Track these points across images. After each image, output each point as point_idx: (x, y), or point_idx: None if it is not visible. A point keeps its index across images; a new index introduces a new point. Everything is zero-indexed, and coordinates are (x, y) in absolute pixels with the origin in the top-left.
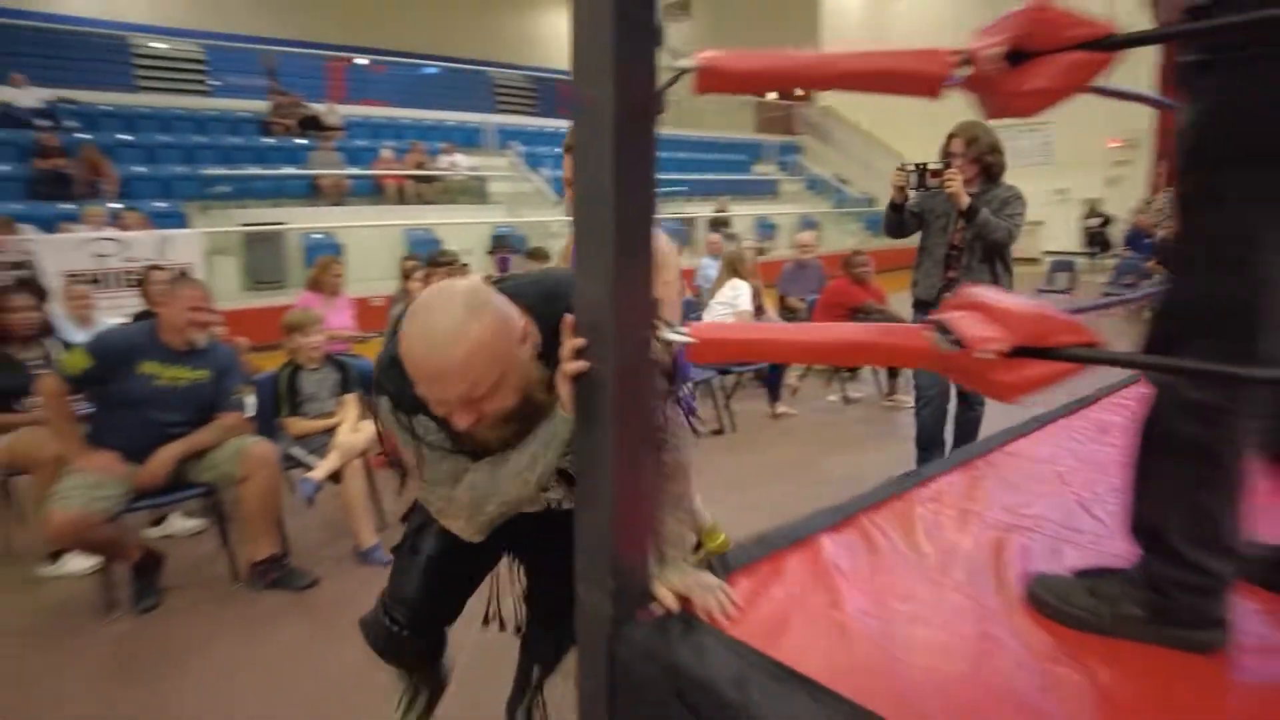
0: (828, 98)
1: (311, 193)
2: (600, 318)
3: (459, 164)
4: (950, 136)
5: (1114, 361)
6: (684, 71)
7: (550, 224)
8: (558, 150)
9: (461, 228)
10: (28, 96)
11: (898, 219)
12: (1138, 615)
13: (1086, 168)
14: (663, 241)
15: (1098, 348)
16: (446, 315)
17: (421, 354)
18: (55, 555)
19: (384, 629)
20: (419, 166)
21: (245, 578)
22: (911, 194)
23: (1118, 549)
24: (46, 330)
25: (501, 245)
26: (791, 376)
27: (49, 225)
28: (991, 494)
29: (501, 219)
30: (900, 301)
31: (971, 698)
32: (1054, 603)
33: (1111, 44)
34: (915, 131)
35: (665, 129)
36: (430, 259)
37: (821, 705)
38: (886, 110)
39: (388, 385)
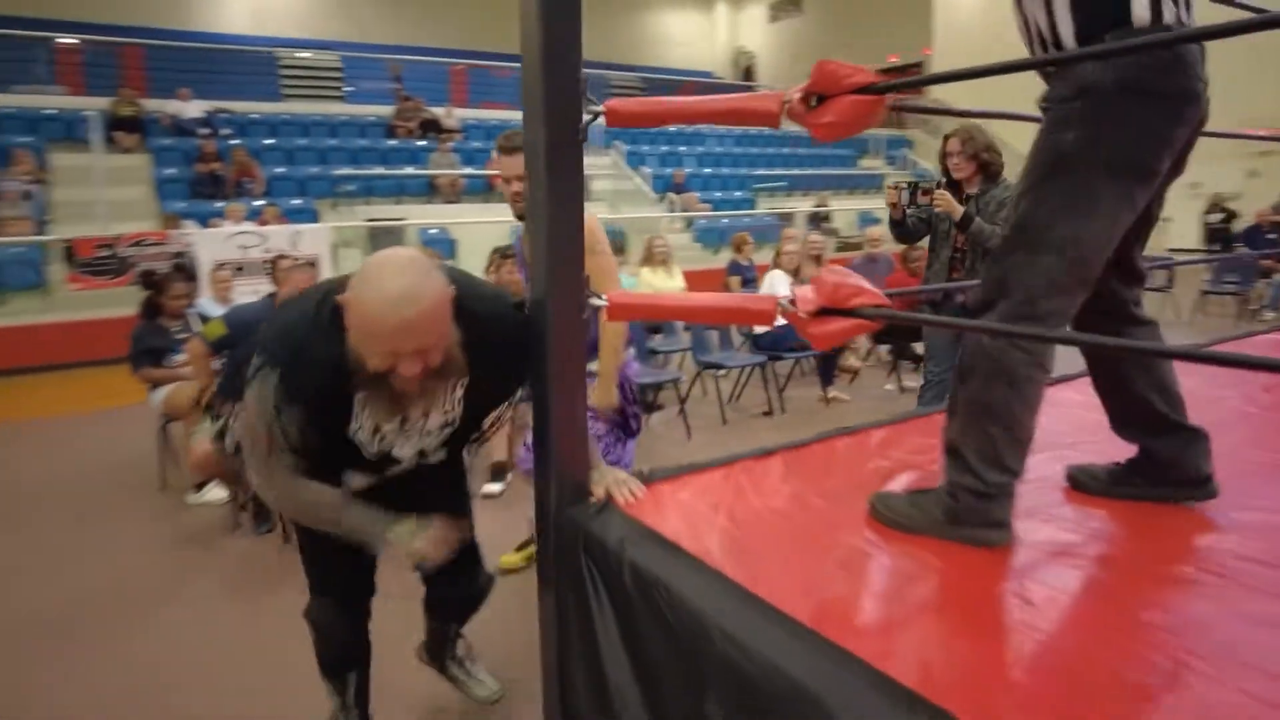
0: (939, 90)
1: (429, 191)
2: (546, 292)
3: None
4: (946, 137)
5: (892, 318)
6: (598, 114)
7: (646, 220)
8: (664, 148)
9: None
10: (191, 108)
11: (902, 230)
12: (940, 518)
13: (1223, 159)
14: (593, 225)
15: (885, 309)
16: (403, 277)
17: (382, 311)
18: (199, 486)
19: (313, 606)
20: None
21: None
22: (907, 210)
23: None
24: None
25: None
26: (853, 360)
27: (204, 221)
28: (893, 445)
29: (601, 216)
30: None
31: (792, 547)
32: (884, 512)
33: (876, 89)
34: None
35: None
36: (500, 250)
37: (668, 552)
38: (1001, 103)
39: (287, 366)
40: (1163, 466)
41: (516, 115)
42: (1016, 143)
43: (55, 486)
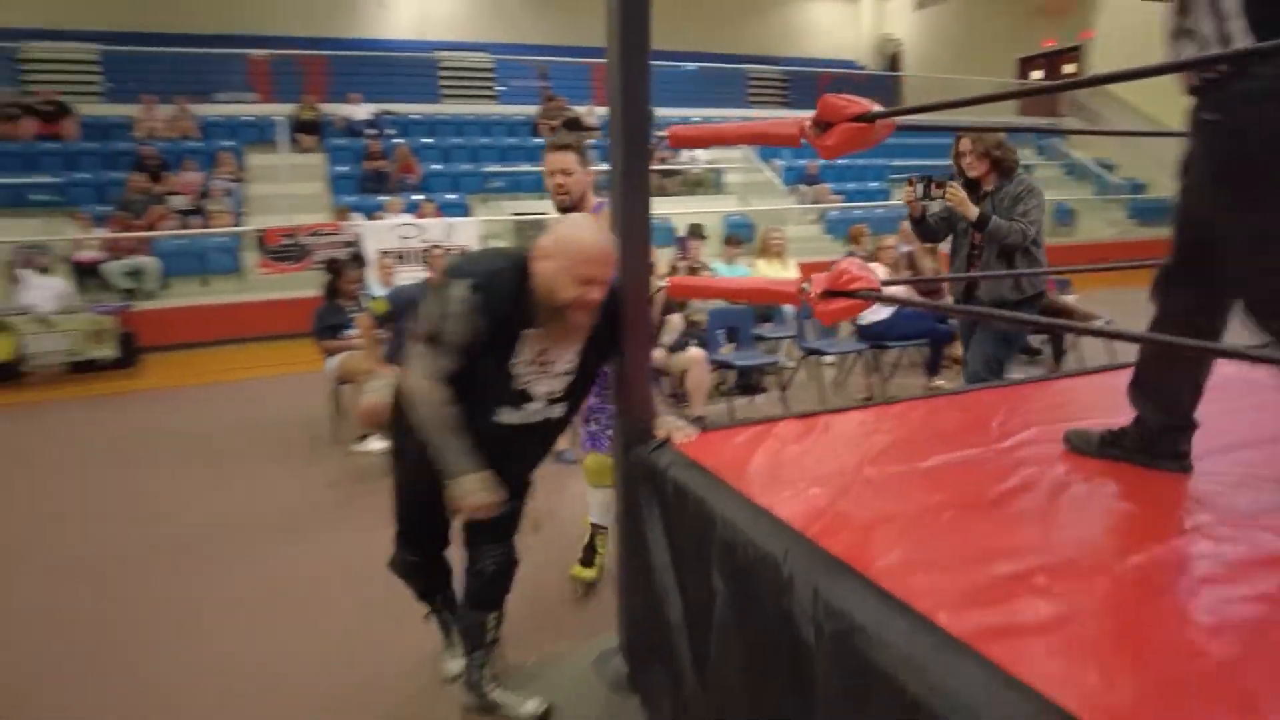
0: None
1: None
2: (623, 275)
3: (698, 158)
4: (958, 137)
5: (880, 299)
6: (662, 138)
7: (775, 212)
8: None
9: (693, 216)
10: (361, 111)
11: (923, 229)
12: (1127, 446)
13: None
14: None
15: (874, 291)
16: (600, 231)
17: (593, 242)
18: (362, 437)
19: (397, 557)
20: (661, 161)
21: None
22: (930, 205)
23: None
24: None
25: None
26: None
27: (369, 213)
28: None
29: (731, 208)
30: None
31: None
32: (1077, 442)
33: (869, 117)
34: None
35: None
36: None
37: (699, 473)
38: (1165, 89)
39: (488, 284)
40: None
41: (661, 111)
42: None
43: (246, 433)
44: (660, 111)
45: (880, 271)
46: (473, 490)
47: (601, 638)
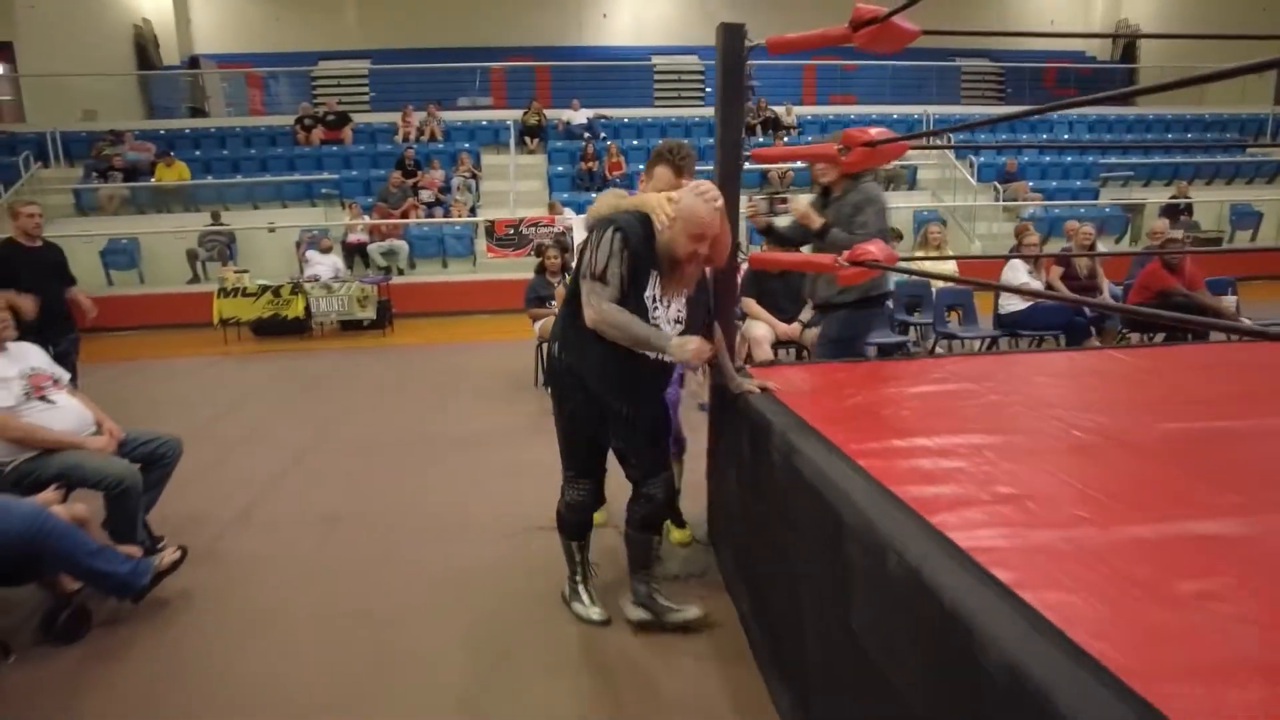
0: None
1: (761, 181)
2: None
3: (951, 138)
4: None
5: (875, 266)
6: (747, 156)
7: (966, 209)
8: (1004, 136)
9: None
10: (579, 116)
11: (776, 239)
12: None
13: None
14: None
15: (877, 261)
16: (709, 204)
17: (702, 213)
18: None
19: (567, 499)
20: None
21: None
22: (776, 219)
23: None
24: (565, 267)
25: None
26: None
27: (579, 209)
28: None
29: (917, 203)
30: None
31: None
32: None
33: (871, 143)
34: None
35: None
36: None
37: (780, 410)
38: None
39: (628, 230)
40: None
41: (850, 109)
42: None
43: (469, 380)
44: (865, 109)
45: (1020, 269)
46: (687, 345)
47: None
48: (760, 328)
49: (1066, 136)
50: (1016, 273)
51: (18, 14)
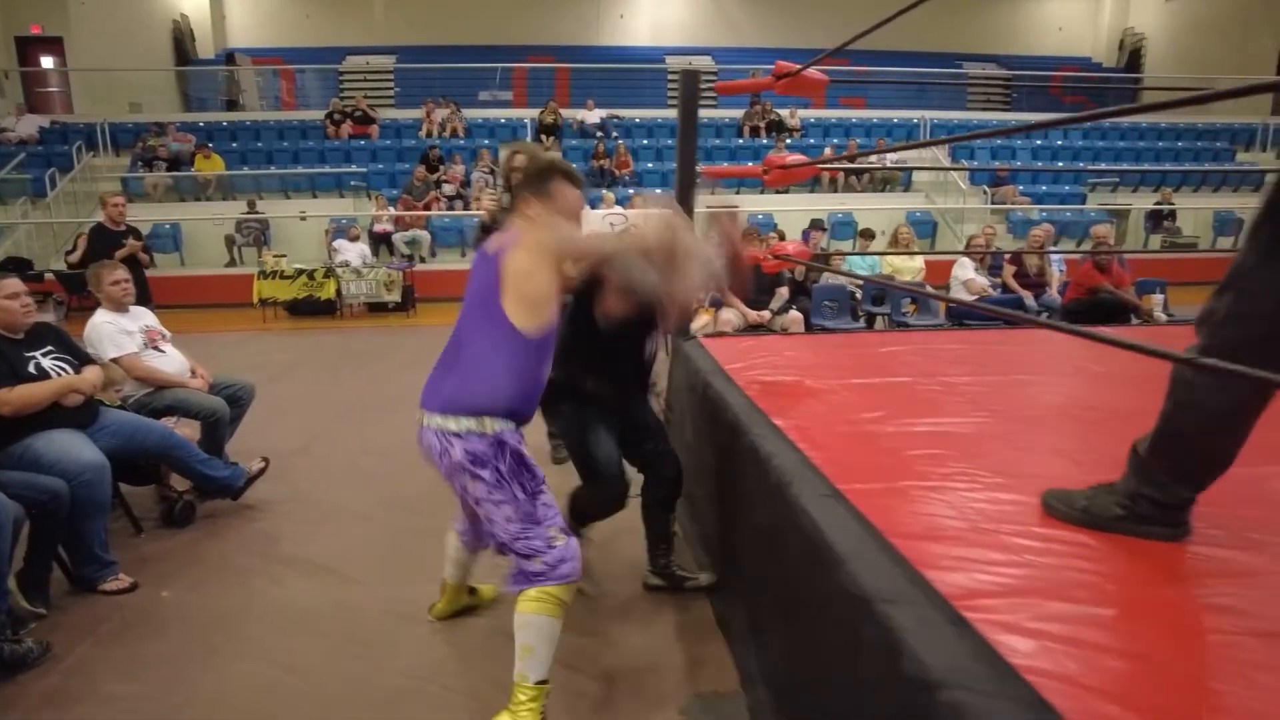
0: None
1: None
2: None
3: (885, 157)
4: (513, 152)
5: (801, 263)
6: (700, 173)
7: (956, 211)
8: (998, 142)
9: (878, 213)
10: (593, 115)
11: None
12: (1119, 515)
13: None
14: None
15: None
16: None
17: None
18: None
19: (608, 486)
20: (850, 161)
21: None
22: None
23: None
24: None
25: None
26: None
27: (592, 204)
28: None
29: (912, 205)
30: None
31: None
32: (1059, 507)
33: (792, 165)
34: None
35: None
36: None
37: (702, 353)
38: None
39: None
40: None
41: (851, 113)
42: None
43: None
44: (873, 113)
45: (968, 266)
46: (716, 212)
47: None
48: (730, 313)
49: (1061, 142)
50: (964, 269)
51: (70, 10)
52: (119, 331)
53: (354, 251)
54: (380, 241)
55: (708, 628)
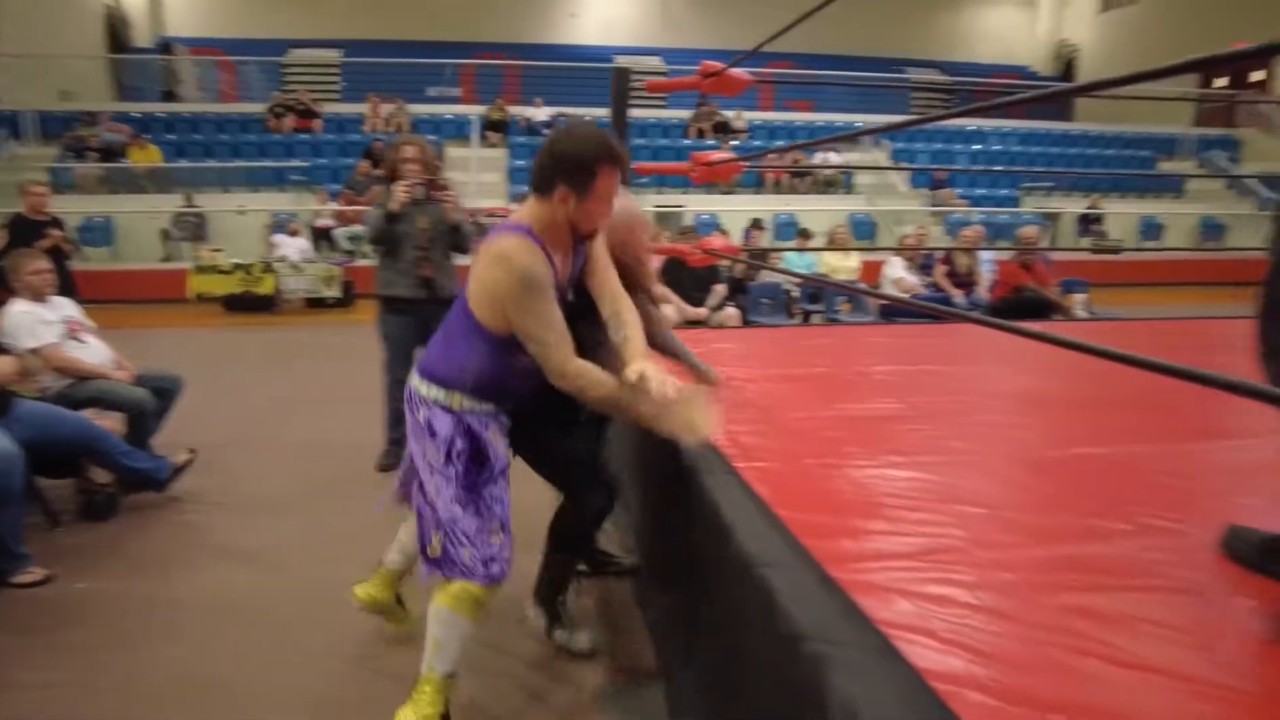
0: None
1: (709, 183)
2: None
3: (830, 160)
4: (404, 144)
5: (729, 258)
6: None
7: (895, 213)
8: (938, 146)
9: (816, 213)
10: (541, 113)
11: (391, 229)
12: None
13: None
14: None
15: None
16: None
17: None
18: None
19: (596, 501)
20: (795, 163)
21: None
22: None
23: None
24: None
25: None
26: None
27: None
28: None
29: (853, 207)
30: None
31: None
32: (1235, 545)
33: (711, 162)
34: None
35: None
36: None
37: None
38: None
39: None
40: None
41: (796, 116)
42: None
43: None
44: (818, 116)
45: (898, 265)
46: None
47: None
48: (669, 308)
49: (998, 147)
50: (895, 268)
51: None
52: (37, 322)
53: (293, 247)
54: (321, 237)
55: (628, 611)
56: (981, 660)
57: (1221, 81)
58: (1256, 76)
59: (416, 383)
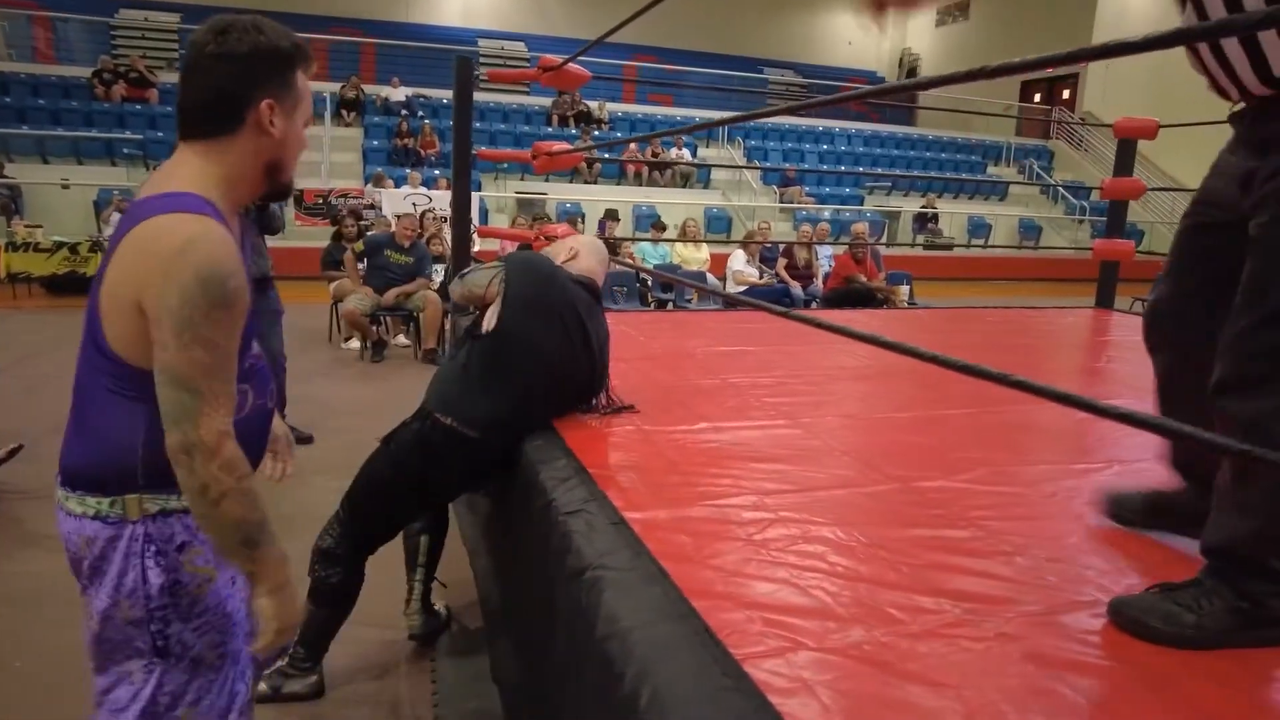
0: (1092, 102)
1: (573, 172)
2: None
3: (685, 155)
4: None
5: (613, 258)
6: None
7: (749, 208)
8: (789, 145)
9: (675, 206)
10: (398, 93)
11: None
12: (1229, 626)
13: None
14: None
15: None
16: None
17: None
18: (347, 339)
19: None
20: (654, 156)
21: (422, 357)
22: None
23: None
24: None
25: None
26: None
27: (398, 183)
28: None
29: (713, 202)
30: None
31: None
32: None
33: (552, 154)
34: (1178, 143)
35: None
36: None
37: None
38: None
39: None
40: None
41: (655, 110)
42: None
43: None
44: (681, 111)
45: (740, 258)
46: None
47: None
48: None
49: (844, 148)
50: (737, 261)
51: None
52: None
53: None
54: None
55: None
56: (736, 580)
57: (1038, 95)
58: (1067, 94)
59: (63, 499)
